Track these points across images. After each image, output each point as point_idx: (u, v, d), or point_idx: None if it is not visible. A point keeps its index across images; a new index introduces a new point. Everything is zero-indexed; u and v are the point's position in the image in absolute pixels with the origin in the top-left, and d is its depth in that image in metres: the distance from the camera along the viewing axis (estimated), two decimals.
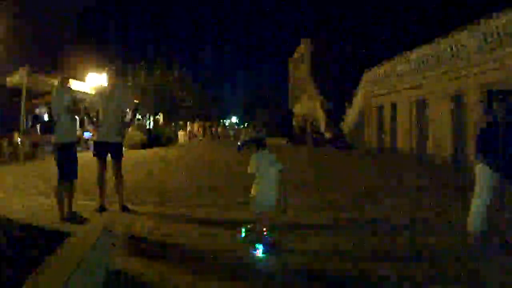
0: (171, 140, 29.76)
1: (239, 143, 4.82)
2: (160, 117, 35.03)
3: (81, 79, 21.32)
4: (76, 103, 5.68)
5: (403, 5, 32.74)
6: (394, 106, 19.13)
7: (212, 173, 11.20)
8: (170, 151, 21.01)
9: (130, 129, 25.14)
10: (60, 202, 5.31)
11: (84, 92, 22.61)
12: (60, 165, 5.36)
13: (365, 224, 5.71)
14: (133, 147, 22.56)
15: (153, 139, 25.67)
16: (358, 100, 23.91)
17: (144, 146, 23.21)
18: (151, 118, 32.00)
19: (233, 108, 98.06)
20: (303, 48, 52.47)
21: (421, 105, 16.71)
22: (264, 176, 4.28)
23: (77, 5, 28.73)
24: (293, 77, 64.23)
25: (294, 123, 50.02)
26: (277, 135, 34.54)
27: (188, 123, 33.26)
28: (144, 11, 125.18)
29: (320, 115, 32.95)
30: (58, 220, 5.20)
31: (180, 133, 33.93)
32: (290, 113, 51.39)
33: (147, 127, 31.96)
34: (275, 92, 71.31)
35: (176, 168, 12.56)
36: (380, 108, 20.81)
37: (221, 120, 62.82)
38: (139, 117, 31.02)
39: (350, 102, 33.00)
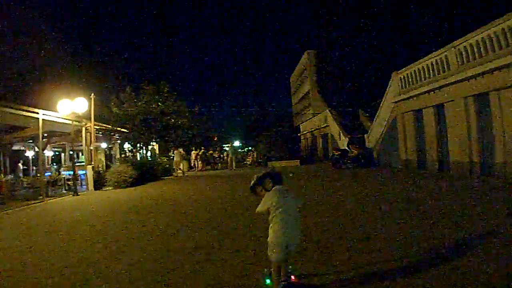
0: (168, 172, 25.82)
1: (252, 181, 3.97)
2: (156, 146, 31.20)
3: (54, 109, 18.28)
4: None
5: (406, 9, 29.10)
6: (439, 108, 15.28)
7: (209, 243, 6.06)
8: (161, 189, 17.00)
9: (117, 164, 21.67)
10: None
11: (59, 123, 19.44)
12: None
13: None
14: (120, 185, 18.78)
15: (145, 173, 21.81)
16: (386, 107, 19.99)
17: (134, 183, 19.36)
18: (143, 149, 28.04)
19: (234, 132, 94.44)
20: (306, 61, 49.35)
21: (482, 101, 12.83)
22: (285, 216, 3.67)
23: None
24: (296, 93, 60.95)
25: (302, 141, 46.29)
26: (285, 157, 30.31)
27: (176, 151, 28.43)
28: (132, 30, 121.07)
29: (335, 129, 29.00)
30: None
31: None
32: (297, 131, 47.50)
33: (140, 159, 28.12)
34: (279, 111, 68.14)
35: (156, 230, 8.15)
36: (418, 113, 16.89)
37: (231, 146, 57.79)
38: (131, 148, 27.28)
39: (367, 111, 29.41)
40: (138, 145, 26.19)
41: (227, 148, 68.03)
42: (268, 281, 3.90)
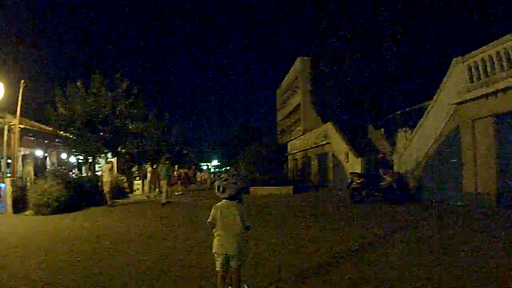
0: (122, 193, 19.22)
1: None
2: (114, 160, 24.58)
3: None
4: None
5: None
6: None
7: None
8: (83, 227, 10.67)
9: (42, 181, 14.39)
10: None
11: None
12: None
13: None
14: (42, 211, 12.63)
15: (85, 194, 15.35)
16: (438, 112, 13.91)
17: (65, 207, 13.13)
18: (94, 163, 21.34)
19: (211, 149, 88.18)
20: (298, 69, 43.58)
21: None
22: (222, 232, 3.83)
23: None
24: (284, 107, 55.15)
25: (289, 162, 40.20)
26: (273, 181, 22.91)
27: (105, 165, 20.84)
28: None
29: (340, 148, 23.17)
30: None
31: (136, 182, 23.39)
32: (283, 152, 40.82)
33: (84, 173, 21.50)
34: (262, 127, 62.42)
35: None
36: (503, 118, 11.08)
37: (163, 159, 50.50)
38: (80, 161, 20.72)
39: (379, 126, 23.65)
40: (89, 157, 19.52)
41: (204, 167, 60.22)
42: None
